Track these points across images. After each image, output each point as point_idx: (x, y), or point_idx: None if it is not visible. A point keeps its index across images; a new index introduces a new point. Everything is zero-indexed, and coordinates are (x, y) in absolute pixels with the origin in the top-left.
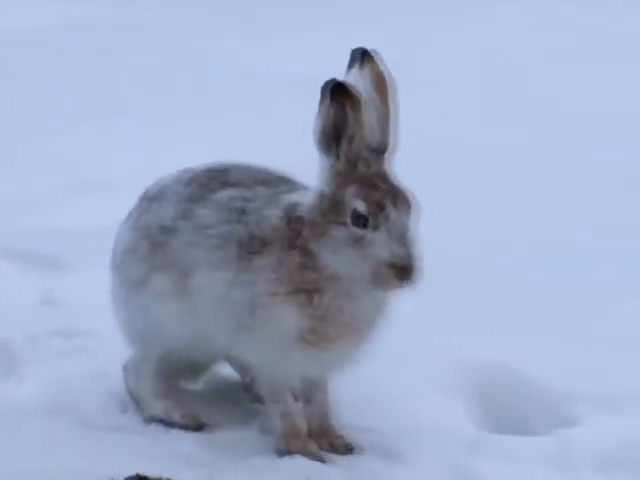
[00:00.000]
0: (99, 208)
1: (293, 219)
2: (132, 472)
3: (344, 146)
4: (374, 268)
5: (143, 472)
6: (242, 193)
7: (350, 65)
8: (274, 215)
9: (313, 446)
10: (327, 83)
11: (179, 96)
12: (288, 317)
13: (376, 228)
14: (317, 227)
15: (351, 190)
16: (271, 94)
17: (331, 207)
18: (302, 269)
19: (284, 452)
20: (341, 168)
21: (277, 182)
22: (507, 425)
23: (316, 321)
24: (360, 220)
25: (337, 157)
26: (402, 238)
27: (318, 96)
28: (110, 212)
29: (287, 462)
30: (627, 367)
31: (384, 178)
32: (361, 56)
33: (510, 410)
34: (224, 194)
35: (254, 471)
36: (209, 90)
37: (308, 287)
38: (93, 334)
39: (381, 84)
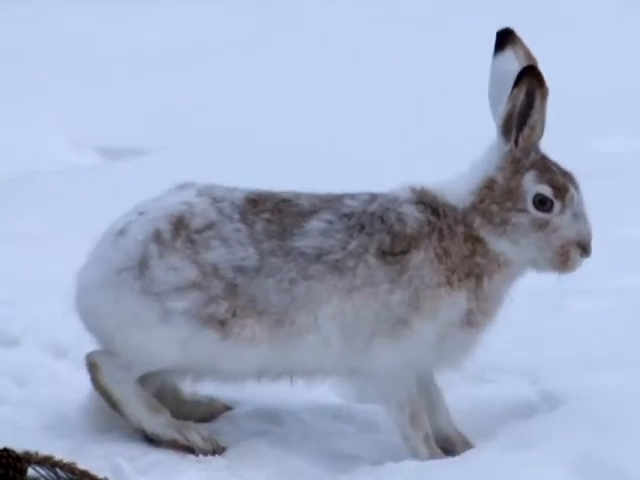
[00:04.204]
0: None
1: (442, 209)
2: None
3: (526, 133)
4: (561, 249)
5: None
6: (336, 212)
7: (499, 47)
8: (412, 210)
9: None
10: (525, 69)
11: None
12: (459, 303)
13: (562, 210)
14: (492, 215)
15: (531, 176)
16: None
17: (506, 194)
18: (471, 256)
19: None
20: (518, 155)
21: (332, 197)
22: None
23: (482, 302)
24: (546, 204)
25: (516, 143)
26: (583, 216)
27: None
28: None
29: None
30: None
31: (552, 161)
32: (509, 37)
33: None
34: (315, 222)
35: None
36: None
37: (478, 272)
38: None
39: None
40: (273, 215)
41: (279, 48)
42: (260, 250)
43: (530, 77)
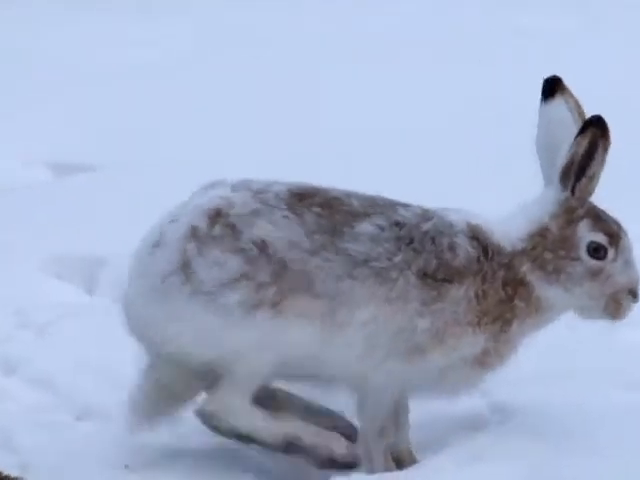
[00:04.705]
0: None
1: (491, 249)
2: None
3: (584, 183)
4: (613, 296)
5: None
6: (388, 219)
7: (549, 94)
8: (466, 242)
9: None
10: (592, 119)
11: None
12: (478, 342)
13: (615, 258)
14: (545, 262)
15: (585, 224)
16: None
17: (560, 243)
18: (508, 301)
19: None
20: (574, 204)
21: (384, 202)
22: None
23: (501, 344)
24: (600, 252)
25: (572, 192)
26: (633, 262)
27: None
28: None
29: None
30: None
31: (602, 210)
32: (558, 85)
33: None
34: (366, 225)
35: None
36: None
37: (509, 317)
38: None
39: (582, 115)
40: (323, 210)
41: (233, 64)
42: (312, 239)
43: (596, 127)
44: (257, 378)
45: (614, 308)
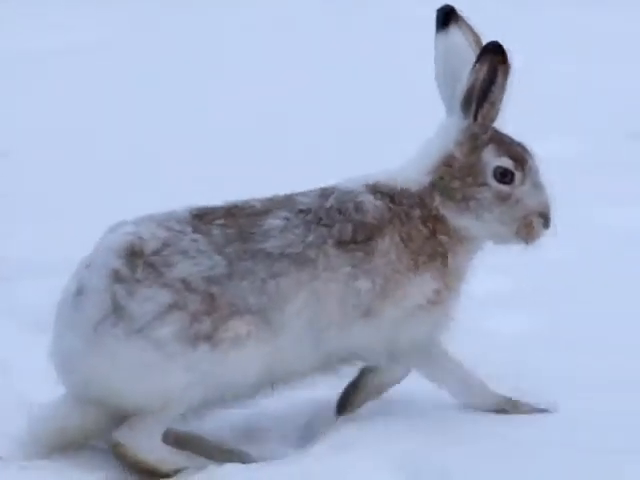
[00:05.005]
0: None
1: (397, 195)
2: None
3: (486, 109)
4: (524, 221)
5: None
6: (292, 209)
7: (443, 24)
8: (370, 199)
9: None
10: (489, 45)
11: None
12: (428, 283)
13: (523, 181)
14: (453, 192)
15: (490, 150)
16: None
17: (466, 170)
18: (432, 237)
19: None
20: (476, 130)
21: (282, 197)
22: None
23: (447, 278)
24: (507, 176)
25: (475, 118)
26: (542, 186)
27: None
28: None
29: None
30: None
31: (506, 135)
32: (450, 15)
33: None
34: (272, 220)
35: None
36: None
37: (442, 251)
38: None
39: (480, 43)
40: (227, 220)
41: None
42: (225, 255)
43: (494, 53)
44: (179, 413)
45: (526, 232)
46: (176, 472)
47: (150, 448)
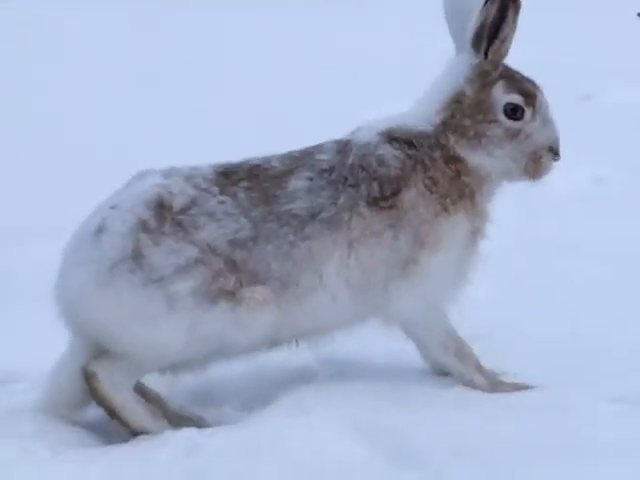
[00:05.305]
0: None
1: (414, 139)
2: None
3: (496, 46)
4: (535, 156)
5: None
6: (313, 168)
7: None
8: (390, 150)
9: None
10: None
11: None
12: (461, 225)
13: (533, 117)
14: (465, 129)
15: (500, 86)
16: None
17: (476, 107)
18: (456, 177)
19: None
20: (487, 67)
21: (301, 154)
22: None
23: (480, 217)
24: (517, 112)
25: (485, 55)
26: (551, 120)
27: None
28: None
29: None
30: None
31: (516, 71)
32: None
33: None
34: (296, 182)
35: None
36: None
37: (468, 191)
38: None
39: None
40: (250, 182)
41: None
42: (251, 218)
43: None
44: (160, 367)
45: (534, 168)
46: (136, 428)
47: (120, 388)
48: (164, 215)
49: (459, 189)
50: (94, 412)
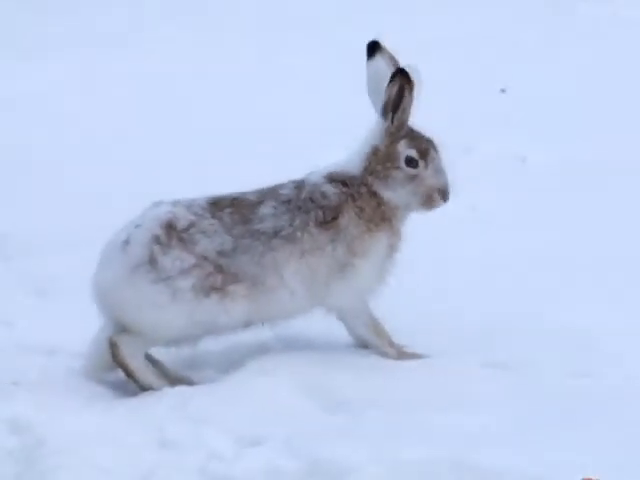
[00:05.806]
0: None
1: (347, 180)
2: None
3: (399, 114)
4: (427, 195)
5: None
6: (277, 200)
7: (370, 55)
8: (330, 188)
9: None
10: (397, 71)
11: None
12: (382, 241)
13: (426, 167)
14: (379, 173)
15: (403, 143)
16: None
17: (386, 157)
18: (377, 207)
19: None
20: (393, 130)
21: (267, 190)
22: None
23: (394, 238)
24: (413, 163)
25: (392, 121)
26: (442, 171)
27: None
28: None
29: None
30: None
31: (419, 132)
32: (376, 47)
33: None
34: (264, 209)
35: None
36: None
37: (387, 216)
38: None
39: (397, 66)
40: (233, 208)
41: None
42: (233, 235)
43: (401, 76)
44: (165, 342)
45: (427, 203)
46: (145, 386)
47: (135, 356)
48: (172, 233)
49: (380, 215)
50: (115, 375)
